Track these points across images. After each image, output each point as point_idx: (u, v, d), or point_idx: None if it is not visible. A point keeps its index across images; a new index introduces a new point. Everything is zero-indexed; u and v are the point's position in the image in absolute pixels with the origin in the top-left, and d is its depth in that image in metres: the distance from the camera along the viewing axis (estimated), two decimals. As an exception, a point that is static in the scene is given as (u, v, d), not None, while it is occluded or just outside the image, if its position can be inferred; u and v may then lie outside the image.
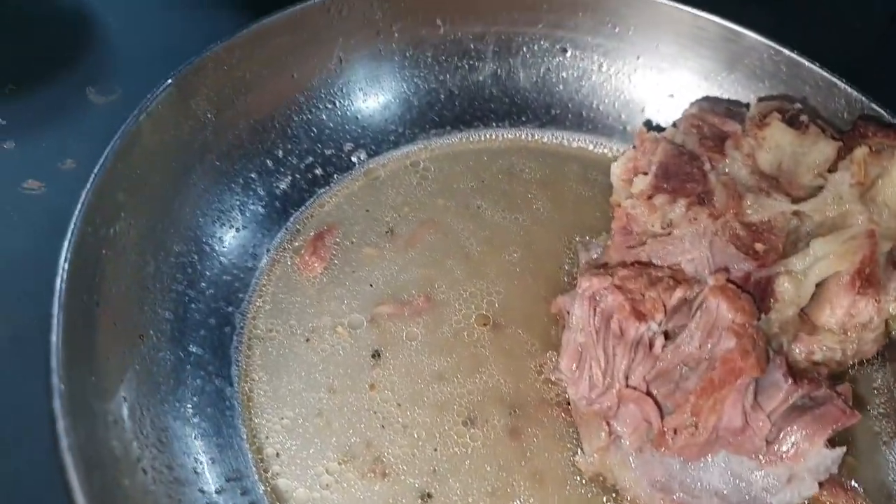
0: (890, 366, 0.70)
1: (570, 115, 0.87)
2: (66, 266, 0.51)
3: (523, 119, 0.87)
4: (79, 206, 0.55)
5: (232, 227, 0.71)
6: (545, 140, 0.87)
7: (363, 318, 0.68)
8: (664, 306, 0.57)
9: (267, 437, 0.60)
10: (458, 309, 0.71)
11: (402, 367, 0.66)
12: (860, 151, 0.63)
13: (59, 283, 0.50)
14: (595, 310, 0.58)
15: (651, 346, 0.57)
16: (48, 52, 0.91)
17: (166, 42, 0.91)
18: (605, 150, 0.86)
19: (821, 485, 0.56)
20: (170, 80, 0.64)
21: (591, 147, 0.86)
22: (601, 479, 0.60)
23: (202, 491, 0.54)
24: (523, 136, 0.86)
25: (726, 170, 0.66)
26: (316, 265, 0.71)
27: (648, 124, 0.83)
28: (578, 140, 0.87)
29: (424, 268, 0.73)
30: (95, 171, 0.57)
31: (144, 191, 0.62)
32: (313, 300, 0.69)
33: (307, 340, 0.66)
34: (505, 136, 0.86)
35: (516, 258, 0.75)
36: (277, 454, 0.60)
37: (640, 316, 0.56)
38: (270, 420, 0.61)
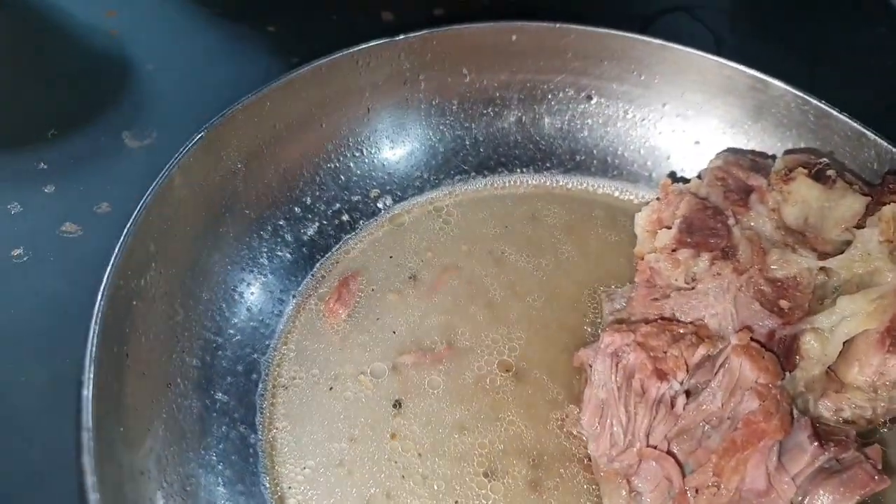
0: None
1: (595, 162, 0.88)
2: (99, 320, 0.53)
3: (548, 165, 0.88)
4: (112, 260, 0.57)
5: (260, 273, 0.72)
6: (570, 186, 0.87)
7: (385, 367, 0.69)
8: (686, 364, 0.57)
9: (289, 487, 0.61)
10: (479, 356, 0.71)
11: (423, 415, 0.66)
12: (889, 209, 0.62)
13: (91, 337, 0.51)
14: (617, 366, 0.58)
15: (673, 404, 0.56)
16: (89, 97, 0.94)
17: (202, 88, 0.94)
18: (631, 197, 0.86)
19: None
20: (202, 133, 0.66)
21: (616, 193, 0.86)
22: (622, 537, 0.59)
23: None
24: (548, 182, 0.87)
25: (751, 224, 0.66)
26: (340, 312, 0.72)
27: (673, 175, 0.83)
28: (604, 186, 0.87)
29: (447, 314, 0.74)
30: (128, 224, 0.59)
31: (175, 241, 0.63)
32: (337, 348, 0.70)
33: (330, 389, 0.67)
34: (529, 182, 0.87)
35: (539, 305, 0.76)
36: (299, 504, 0.60)
37: (662, 375, 0.56)
38: (293, 470, 0.62)
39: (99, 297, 0.54)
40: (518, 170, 0.87)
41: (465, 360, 0.71)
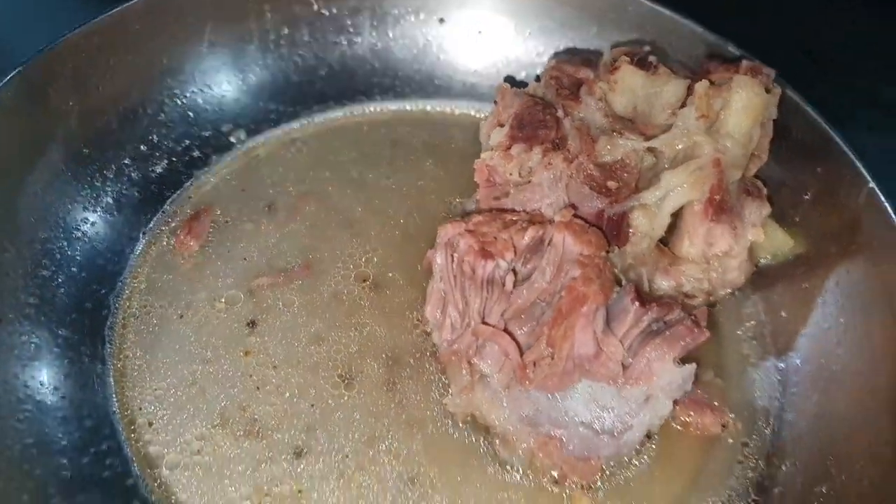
0: (758, 293, 0.72)
1: (452, 84, 0.88)
2: None
3: (406, 91, 0.88)
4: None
5: (105, 212, 0.71)
6: (429, 109, 0.88)
7: (240, 292, 0.69)
8: (514, 246, 0.59)
9: (139, 409, 0.61)
10: (337, 271, 0.72)
11: (278, 332, 0.67)
12: (701, 86, 0.65)
13: None
14: (452, 256, 0.60)
15: (504, 283, 0.58)
16: None
17: (33, 24, 0.88)
18: (488, 114, 0.86)
19: (676, 403, 0.58)
20: (19, 69, 0.64)
21: (472, 112, 0.87)
22: (471, 419, 0.61)
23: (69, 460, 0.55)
24: (408, 107, 0.88)
25: (581, 115, 0.68)
26: (192, 244, 0.72)
27: (512, 80, 0.85)
28: (462, 107, 0.88)
29: (304, 238, 0.74)
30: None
31: (-1, 179, 0.62)
32: (188, 278, 0.69)
33: (181, 316, 0.67)
34: (389, 108, 0.87)
35: (400, 221, 0.77)
36: (150, 423, 0.60)
37: (488, 255, 0.58)
38: (143, 392, 0.62)
39: None
40: (377, 97, 0.88)
41: (322, 276, 0.71)
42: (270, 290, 0.69)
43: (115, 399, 0.61)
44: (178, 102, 0.78)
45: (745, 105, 0.64)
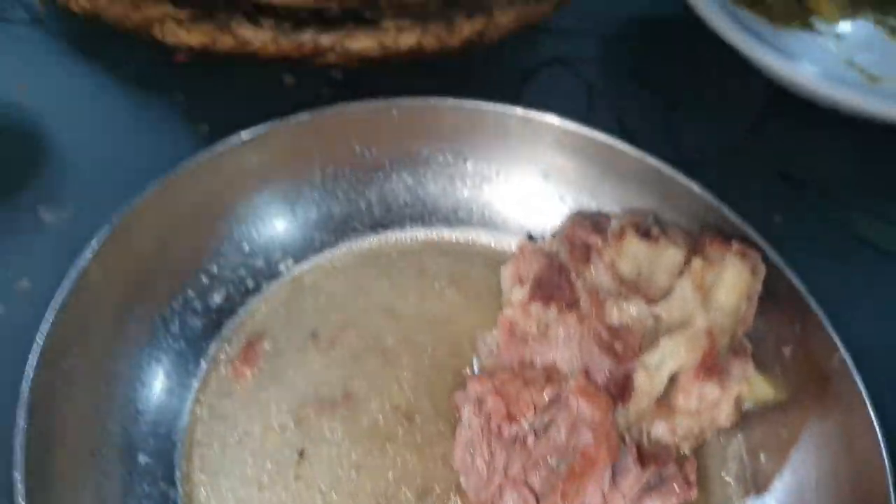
0: (741, 434, 0.83)
1: (473, 216, 0.99)
2: (26, 405, 0.61)
3: (433, 220, 0.99)
4: (33, 347, 0.65)
5: (174, 341, 0.81)
6: (454, 239, 0.98)
7: (290, 419, 0.79)
8: (535, 406, 0.69)
9: (205, 533, 0.70)
10: (374, 400, 0.81)
11: (324, 459, 0.77)
12: (696, 263, 0.76)
13: (19, 424, 0.59)
14: (480, 410, 0.70)
15: (525, 441, 0.68)
16: (2, 174, 0.98)
17: (116, 159, 0.99)
18: (505, 246, 0.97)
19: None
20: (109, 224, 0.74)
21: (492, 244, 0.98)
22: (489, 553, 0.71)
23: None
24: (433, 236, 0.98)
25: (591, 278, 0.79)
26: (247, 372, 0.81)
27: (530, 236, 0.95)
28: (483, 237, 0.99)
29: (344, 367, 0.84)
30: (46, 314, 0.67)
31: (93, 322, 0.72)
32: (244, 406, 0.79)
33: (239, 443, 0.76)
34: (418, 236, 0.98)
35: (428, 351, 0.87)
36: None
37: (513, 417, 0.68)
38: (208, 517, 0.71)
39: (24, 384, 0.62)
40: (408, 226, 0.98)
41: (361, 405, 0.81)
42: (316, 420, 0.79)
43: (185, 523, 0.70)
44: (236, 237, 0.89)
45: (734, 284, 0.76)
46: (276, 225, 0.92)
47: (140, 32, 1.04)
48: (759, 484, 0.79)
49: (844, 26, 1.24)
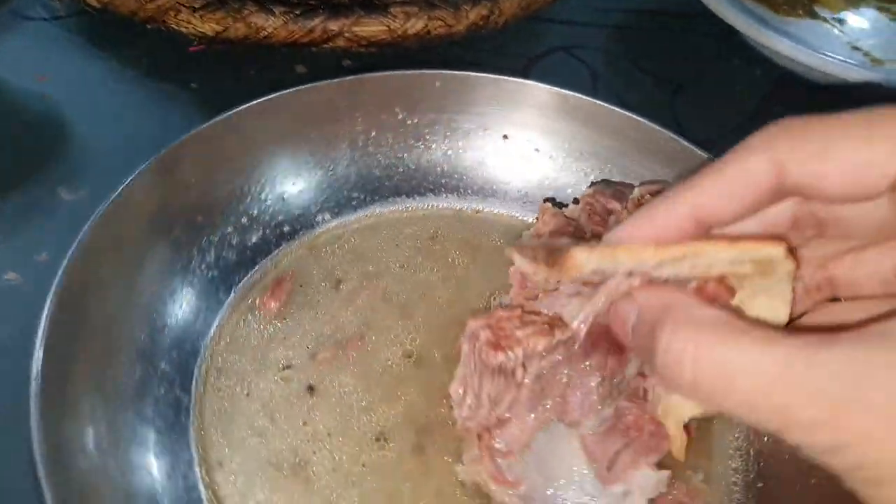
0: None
1: (509, 191, 1.02)
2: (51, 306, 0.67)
3: (469, 192, 1.02)
4: (68, 253, 0.71)
5: (207, 269, 0.86)
6: (483, 209, 1.01)
7: (305, 356, 0.83)
8: (527, 345, 0.70)
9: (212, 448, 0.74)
10: (387, 348, 0.85)
11: (333, 395, 0.80)
12: (711, 228, 0.76)
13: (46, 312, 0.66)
14: (474, 346, 0.72)
15: (513, 374, 0.70)
16: (25, 157, 1.03)
17: (132, 142, 1.04)
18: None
19: (653, 501, 0.67)
20: (153, 157, 0.80)
21: (520, 216, 1.00)
22: (477, 487, 0.72)
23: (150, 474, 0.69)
24: (464, 207, 1.01)
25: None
26: (272, 305, 0.86)
27: (552, 200, 0.97)
28: (511, 211, 1.01)
29: (362, 315, 0.87)
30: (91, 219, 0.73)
31: (128, 241, 0.78)
32: (265, 337, 0.84)
33: (256, 371, 0.81)
34: (452, 206, 1.01)
35: (444, 308, 0.89)
36: (220, 463, 0.73)
37: (499, 347, 0.69)
38: (215, 434, 0.75)
39: (59, 274, 0.68)
40: (444, 194, 1.02)
41: (374, 351, 0.84)
42: (330, 359, 0.83)
43: (192, 432, 0.75)
44: (279, 187, 0.94)
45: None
46: (319, 179, 0.97)
47: (154, 22, 1.10)
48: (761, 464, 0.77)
49: (847, 14, 1.26)
